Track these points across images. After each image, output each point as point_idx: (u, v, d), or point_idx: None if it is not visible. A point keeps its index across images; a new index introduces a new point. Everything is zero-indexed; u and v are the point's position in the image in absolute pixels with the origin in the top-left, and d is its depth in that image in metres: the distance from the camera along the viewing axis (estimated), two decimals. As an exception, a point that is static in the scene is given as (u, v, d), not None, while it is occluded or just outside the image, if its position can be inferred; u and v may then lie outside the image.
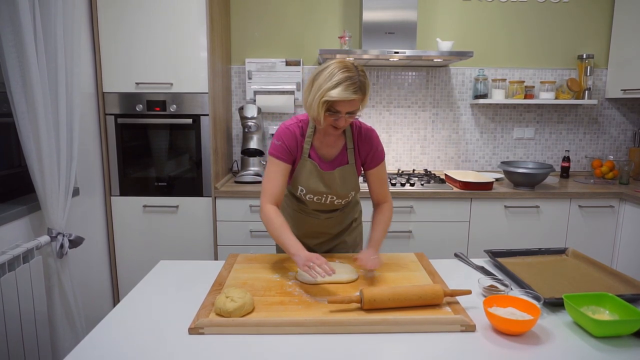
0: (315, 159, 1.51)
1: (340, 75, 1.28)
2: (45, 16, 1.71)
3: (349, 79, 1.28)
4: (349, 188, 1.53)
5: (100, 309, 2.42)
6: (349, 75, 1.28)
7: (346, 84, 1.27)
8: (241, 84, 2.97)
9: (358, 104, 1.34)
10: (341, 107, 1.32)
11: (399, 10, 2.63)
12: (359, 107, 1.36)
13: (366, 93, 1.34)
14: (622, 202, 2.52)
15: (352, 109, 1.34)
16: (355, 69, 1.32)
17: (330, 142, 1.51)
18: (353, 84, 1.28)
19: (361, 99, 1.33)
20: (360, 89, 1.30)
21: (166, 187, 2.50)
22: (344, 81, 1.27)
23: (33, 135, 1.66)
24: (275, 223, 1.39)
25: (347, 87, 1.28)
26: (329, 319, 1.09)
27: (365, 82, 1.32)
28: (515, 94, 2.89)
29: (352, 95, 1.28)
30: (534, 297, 1.16)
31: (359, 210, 1.77)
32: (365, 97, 1.34)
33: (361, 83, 1.31)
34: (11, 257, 1.55)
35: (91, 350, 1.00)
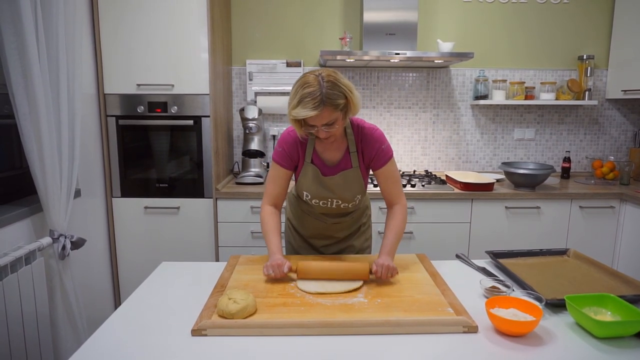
0: (318, 163, 1.50)
1: (301, 93, 1.27)
2: (46, 18, 1.71)
3: (309, 94, 1.26)
4: (354, 192, 1.51)
5: (102, 310, 2.42)
6: (309, 91, 1.26)
7: (306, 101, 1.26)
8: (242, 85, 2.97)
9: (328, 115, 1.29)
10: (312, 122, 1.31)
11: (399, 11, 2.63)
12: (335, 118, 1.31)
13: (333, 103, 1.27)
14: (622, 203, 2.53)
15: (325, 122, 1.31)
16: (320, 81, 1.27)
17: (333, 146, 1.48)
18: (313, 100, 1.26)
19: (330, 110, 1.28)
20: (322, 102, 1.26)
21: (167, 188, 2.50)
22: (304, 98, 1.27)
23: (35, 136, 1.66)
24: (267, 224, 1.48)
25: (306, 104, 1.26)
26: (332, 321, 1.09)
27: (329, 93, 1.26)
28: (515, 95, 2.89)
29: (312, 111, 1.26)
30: (535, 298, 1.16)
31: (368, 214, 1.73)
32: (332, 108, 1.28)
33: (324, 95, 1.26)
34: (13, 258, 1.55)
35: (93, 352, 1.00)
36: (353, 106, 1.34)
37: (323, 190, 1.51)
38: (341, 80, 1.31)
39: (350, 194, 1.51)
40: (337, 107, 1.29)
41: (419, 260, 1.53)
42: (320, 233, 1.65)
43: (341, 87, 1.29)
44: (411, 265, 1.48)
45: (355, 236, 1.68)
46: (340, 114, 1.32)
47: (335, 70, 1.35)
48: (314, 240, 1.66)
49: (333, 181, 1.49)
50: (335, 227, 1.63)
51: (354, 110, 1.36)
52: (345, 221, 1.61)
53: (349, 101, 1.32)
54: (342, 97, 1.30)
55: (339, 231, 1.63)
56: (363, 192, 1.54)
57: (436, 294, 1.25)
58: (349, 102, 1.32)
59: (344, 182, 1.49)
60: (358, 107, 1.36)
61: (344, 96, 1.30)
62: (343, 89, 1.30)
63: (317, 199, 1.53)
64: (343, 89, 1.30)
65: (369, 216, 1.74)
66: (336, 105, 1.29)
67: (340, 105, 1.30)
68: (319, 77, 1.29)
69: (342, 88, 1.30)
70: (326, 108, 1.28)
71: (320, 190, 1.51)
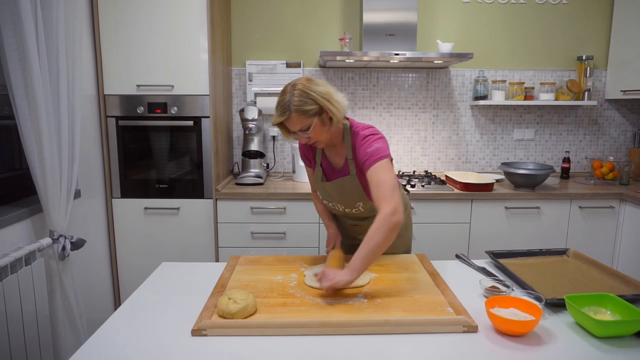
0: (326, 167, 1.57)
1: (277, 100, 1.38)
2: (46, 19, 1.72)
3: (280, 102, 1.36)
4: (353, 199, 1.52)
5: (102, 311, 2.42)
6: (280, 99, 1.36)
7: (277, 108, 1.37)
8: (242, 85, 2.98)
9: (298, 122, 1.34)
10: (289, 127, 1.39)
11: (399, 11, 2.64)
12: (307, 124, 1.35)
13: (300, 110, 1.32)
14: (622, 203, 2.53)
15: (298, 128, 1.36)
16: (292, 89, 1.34)
17: (335, 152, 1.53)
18: (282, 107, 1.35)
19: (298, 116, 1.33)
20: (288, 109, 1.33)
21: (167, 189, 2.50)
22: (277, 105, 1.37)
23: (35, 137, 1.67)
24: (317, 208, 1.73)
25: (277, 111, 1.37)
26: (332, 321, 1.09)
27: (295, 100, 1.32)
28: (515, 95, 2.90)
29: (279, 117, 1.36)
30: (535, 298, 1.17)
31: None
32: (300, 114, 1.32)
33: (290, 102, 1.32)
34: (13, 259, 1.55)
35: (94, 353, 1.00)
36: (332, 113, 1.35)
37: (325, 194, 1.58)
38: (314, 88, 1.34)
39: (349, 201, 1.53)
40: (306, 113, 1.33)
41: (419, 260, 1.53)
42: (345, 232, 1.70)
43: (311, 93, 1.33)
44: (411, 265, 1.48)
45: None
46: (315, 120, 1.35)
47: (312, 79, 1.38)
48: (344, 238, 1.70)
49: (331, 187, 1.54)
50: (355, 229, 1.66)
51: (336, 116, 1.36)
52: (363, 225, 1.61)
53: (324, 108, 1.34)
54: (311, 104, 1.33)
55: (359, 234, 1.64)
56: (365, 199, 1.52)
57: (436, 294, 1.25)
58: (325, 108, 1.34)
59: (340, 189, 1.52)
60: (340, 113, 1.37)
61: (315, 103, 1.33)
62: (313, 95, 1.33)
63: (325, 200, 1.62)
64: (313, 95, 1.33)
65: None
66: (304, 112, 1.33)
67: (309, 112, 1.33)
68: (291, 86, 1.36)
69: (313, 95, 1.33)
70: (293, 114, 1.34)
71: (323, 193, 1.59)
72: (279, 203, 2.48)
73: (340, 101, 1.38)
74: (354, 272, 1.24)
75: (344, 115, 1.42)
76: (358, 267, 1.25)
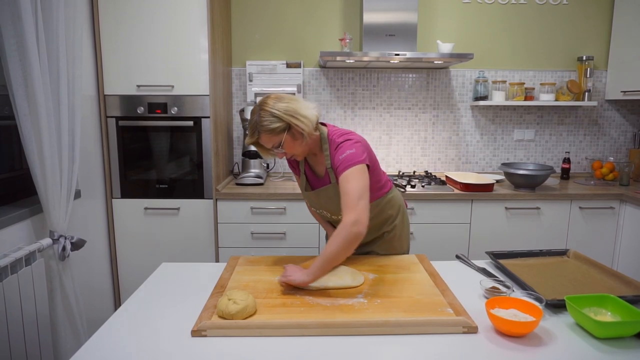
0: (310, 176, 1.58)
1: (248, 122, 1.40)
2: (47, 19, 1.72)
3: (249, 123, 1.39)
4: (337, 206, 1.48)
5: (102, 311, 2.42)
6: (250, 119, 1.38)
7: (248, 129, 1.40)
8: (242, 86, 2.98)
9: (269, 140, 1.36)
10: (263, 144, 1.40)
11: (399, 12, 2.64)
12: (278, 141, 1.36)
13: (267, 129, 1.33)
14: (622, 204, 2.53)
15: (270, 145, 1.38)
16: (259, 109, 1.35)
17: (317, 160, 1.53)
18: (251, 128, 1.37)
19: (267, 135, 1.34)
20: (256, 129, 1.35)
21: (167, 189, 2.50)
22: (247, 127, 1.43)
23: (35, 137, 1.67)
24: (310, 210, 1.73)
25: (249, 132, 1.40)
26: (332, 321, 1.09)
27: (261, 120, 1.33)
28: (515, 96, 2.90)
29: (251, 138, 1.38)
30: (536, 299, 1.16)
31: (395, 223, 1.66)
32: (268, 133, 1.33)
33: (256, 123, 1.34)
34: (13, 259, 1.55)
35: (94, 353, 1.00)
36: (300, 127, 1.35)
37: (311, 202, 1.62)
38: (279, 105, 1.34)
39: (333, 208, 1.54)
40: (273, 131, 1.34)
41: (419, 261, 1.53)
42: None
43: (276, 112, 1.33)
44: (411, 266, 1.48)
45: (379, 243, 1.66)
46: (284, 136, 1.36)
47: (280, 95, 1.39)
48: None
49: (315, 195, 1.56)
50: None
51: (305, 130, 1.35)
52: None
53: (290, 124, 1.34)
54: (276, 122, 1.34)
55: None
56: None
57: (436, 295, 1.25)
58: (291, 124, 1.34)
59: (323, 198, 1.54)
60: (308, 127, 1.36)
61: (280, 120, 1.33)
62: (278, 113, 1.33)
63: (312, 207, 1.65)
64: (278, 113, 1.33)
65: (395, 225, 1.66)
66: (271, 130, 1.34)
67: (276, 130, 1.34)
68: (258, 106, 1.37)
69: (278, 113, 1.33)
70: (262, 134, 1.35)
71: (310, 201, 1.62)
72: (279, 203, 2.48)
73: (307, 115, 1.36)
74: (310, 276, 1.27)
75: (314, 127, 1.39)
76: (314, 272, 1.28)
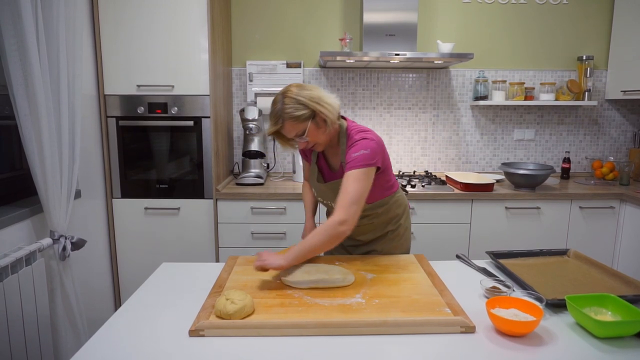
0: (322, 166, 1.58)
1: (270, 111, 1.41)
2: (47, 18, 1.72)
3: (272, 112, 1.39)
4: None
5: (102, 311, 2.42)
6: (272, 108, 1.40)
7: (270, 118, 1.40)
8: (242, 86, 2.98)
9: (292, 128, 1.37)
10: (285, 134, 1.42)
11: (399, 12, 2.64)
12: (302, 129, 1.38)
13: (291, 116, 1.35)
14: (622, 203, 2.52)
15: (293, 134, 1.40)
16: (282, 97, 1.37)
17: (333, 152, 1.54)
18: (274, 116, 1.38)
19: (291, 123, 1.36)
20: (280, 117, 1.36)
21: (167, 189, 2.50)
22: (269, 116, 1.41)
23: (35, 137, 1.67)
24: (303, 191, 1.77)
25: (270, 121, 1.40)
26: (329, 321, 1.09)
27: (285, 108, 1.35)
28: (515, 96, 2.90)
29: (274, 127, 1.39)
30: (536, 298, 1.16)
31: (400, 223, 1.66)
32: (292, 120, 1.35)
33: (280, 111, 1.36)
34: (13, 259, 1.55)
35: (94, 353, 1.00)
36: (325, 115, 1.36)
37: (320, 193, 1.61)
38: (304, 92, 1.36)
39: None
40: (298, 119, 1.36)
41: (417, 261, 1.53)
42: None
43: (301, 99, 1.35)
44: (409, 266, 1.48)
45: (382, 241, 1.65)
46: (309, 124, 1.37)
47: (302, 84, 1.40)
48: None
49: (325, 188, 1.56)
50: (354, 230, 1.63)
51: (329, 117, 1.37)
52: (363, 224, 1.60)
53: (316, 112, 1.36)
54: (302, 109, 1.35)
55: (359, 234, 1.64)
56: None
57: (434, 295, 1.25)
58: (316, 112, 1.36)
59: (335, 191, 1.50)
60: (332, 114, 1.38)
61: (306, 107, 1.35)
62: (304, 100, 1.35)
63: (320, 197, 1.63)
64: (304, 100, 1.35)
65: (400, 224, 1.66)
66: (296, 118, 1.36)
67: (302, 117, 1.36)
68: (281, 95, 1.38)
69: (303, 100, 1.35)
70: (287, 122, 1.37)
71: (318, 192, 1.61)
72: (279, 203, 2.48)
73: (331, 103, 1.39)
74: (286, 261, 1.30)
75: (337, 115, 1.43)
76: (291, 258, 1.30)
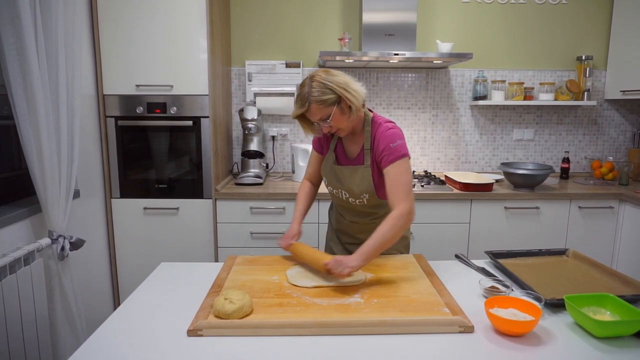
0: (339, 153, 1.59)
1: (296, 94, 1.44)
2: (46, 18, 1.72)
3: (298, 95, 1.41)
4: (361, 189, 1.52)
5: (101, 311, 2.41)
6: (299, 91, 1.41)
7: (296, 101, 1.42)
8: (241, 85, 2.97)
9: (318, 112, 1.39)
10: (310, 117, 1.43)
11: (398, 12, 2.64)
12: (327, 113, 1.39)
13: (318, 100, 1.36)
14: (621, 203, 2.52)
15: (318, 117, 1.41)
16: (310, 81, 1.38)
17: (353, 140, 1.55)
18: (301, 99, 1.40)
19: (317, 106, 1.37)
20: (307, 100, 1.37)
21: (166, 189, 2.50)
22: (296, 98, 1.43)
23: (34, 137, 1.66)
24: (298, 193, 1.70)
25: (296, 103, 1.42)
26: (328, 321, 1.09)
27: (313, 91, 1.36)
28: (514, 96, 2.90)
29: (299, 109, 1.40)
30: (535, 298, 1.16)
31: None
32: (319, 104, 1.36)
33: (307, 94, 1.37)
34: (12, 259, 1.55)
35: (92, 353, 1.00)
36: (350, 101, 1.39)
37: (334, 178, 1.59)
38: (331, 78, 1.38)
39: (357, 189, 1.53)
40: (324, 103, 1.37)
41: (416, 261, 1.53)
42: (343, 229, 1.71)
43: (329, 84, 1.37)
44: (408, 266, 1.48)
45: None
46: (334, 108, 1.39)
47: (329, 70, 1.43)
48: (340, 235, 1.73)
49: (342, 172, 1.55)
50: (353, 227, 1.65)
51: (355, 104, 1.40)
52: (363, 222, 1.61)
53: (342, 97, 1.37)
54: (329, 93, 1.37)
55: (358, 232, 1.64)
56: (372, 192, 1.52)
57: (432, 294, 1.25)
58: (343, 97, 1.37)
59: (351, 176, 1.53)
60: (358, 100, 1.41)
61: (332, 92, 1.37)
62: (331, 85, 1.37)
63: (331, 186, 1.62)
64: (331, 85, 1.37)
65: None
66: (322, 102, 1.37)
67: (328, 101, 1.37)
68: (309, 78, 1.40)
69: (330, 85, 1.37)
70: (313, 105, 1.38)
71: (331, 178, 1.59)
72: (278, 203, 2.48)
73: (357, 90, 1.42)
74: (364, 258, 1.30)
75: (363, 102, 1.45)
76: (368, 254, 1.31)
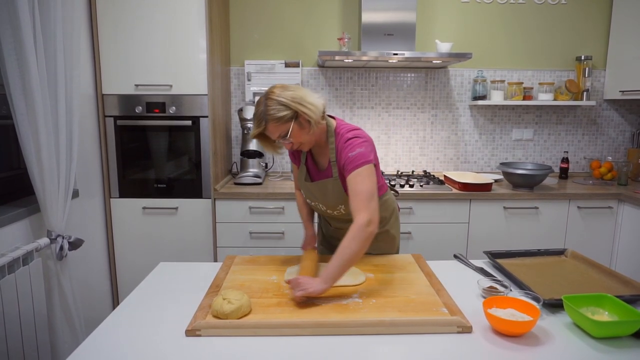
0: (310, 165, 1.56)
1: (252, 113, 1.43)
2: (44, 18, 1.71)
3: (255, 115, 1.37)
4: (335, 201, 1.51)
5: (100, 311, 2.41)
6: (255, 111, 1.37)
7: (254, 121, 1.38)
8: (240, 85, 2.97)
9: (275, 130, 1.34)
10: (269, 135, 1.38)
11: (398, 11, 2.64)
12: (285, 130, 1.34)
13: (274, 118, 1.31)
14: (620, 203, 2.53)
15: (277, 135, 1.36)
16: (264, 99, 1.34)
17: (321, 152, 1.52)
18: (257, 118, 1.36)
19: (274, 124, 1.32)
20: (263, 119, 1.33)
21: (165, 188, 2.50)
22: (253, 118, 1.39)
23: (32, 137, 1.66)
24: (297, 200, 1.72)
25: (254, 123, 1.38)
26: (326, 321, 1.09)
27: (268, 110, 1.31)
28: (514, 95, 2.90)
29: (257, 129, 1.36)
30: (533, 298, 1.16)
31: (385, 227, 1.64)
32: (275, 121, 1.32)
33: (263, 113, 1.33)
34: (11, 259, 1.55)
35: (91, 353, 1.00)
36: (307, 115, 1.33)
37: (308, 193, 1.58)
38: (286, 93, 1.33)
39: (331, 202, 1.53)
40: (281, 120, 1.32)
41: (414, 261, 1.53)
42: (331, 234, 1.71)
43: (283, 100, 1.32)
44: (406, 266, 1.48)
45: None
46: (292, 124, 1.34)
47: (286, 85, 1.38)
48: (330, 239, 1.74)
49: (314, 187, 1.54)
50: (340, 232, 1.62)
51: (312, 118, 1.34)
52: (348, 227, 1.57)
53: (298, 112, 1.33)
54: (284, 110, 1.32)
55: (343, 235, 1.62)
56: (347, 202, 1.46)
57: (431, 294, 1.25)
58: (299, 112, 1.33)
59: (322, 190, 1.52)
60: (315, 114, 1.35)
61: (287, 108, 1.32)
62: (286, 101, 1.32)
63: (308, 199, 1.61)
64: (286, 101, 1.32)
65: (387, 229, 1.65)
66: (278, 119, 1.32)
67: (284, 118, 1.32)
68: (263, 97, 1.36)
69: (285, 101, 1.32)
70: (270, 124, 1.33)
71: (306, 192, 1.59)
72: (277, 203, 2.47)
73: (314, 102, 1.36)
74: (327, 282, 1.21)
75: (321, 115, 1.39)
76: (332, 276, 1.22)
